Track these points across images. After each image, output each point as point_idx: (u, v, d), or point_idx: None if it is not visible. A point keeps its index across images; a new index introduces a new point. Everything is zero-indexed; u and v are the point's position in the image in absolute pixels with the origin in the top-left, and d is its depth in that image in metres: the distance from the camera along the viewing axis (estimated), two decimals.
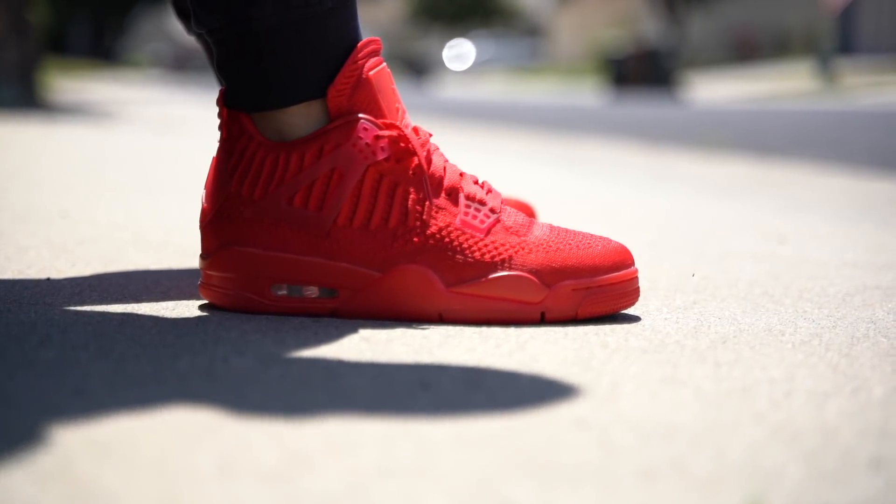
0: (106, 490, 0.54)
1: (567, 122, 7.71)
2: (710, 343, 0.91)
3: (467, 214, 0.97)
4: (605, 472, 0.59)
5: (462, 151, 3.77)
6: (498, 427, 0.66)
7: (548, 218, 1.78)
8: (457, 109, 10.19)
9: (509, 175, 2.83)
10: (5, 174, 2.29)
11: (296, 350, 0.84)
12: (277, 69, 0.96)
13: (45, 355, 0.80)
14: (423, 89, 22.17)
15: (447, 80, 35.47)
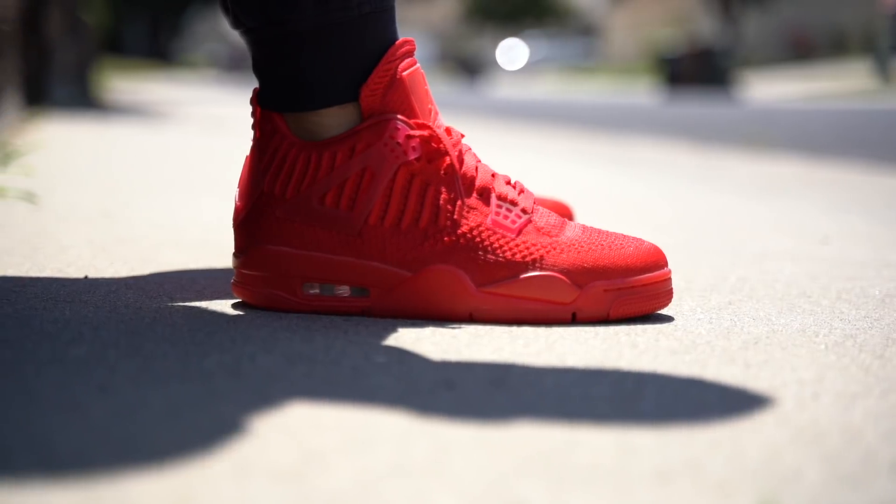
0: (118, 487, 0.54)
1: (618, 121, 7.68)
2: (742, 344, 0.90)
3: (498, 214, 0.97)
4: (619, 474, 0.59)
5: (508, 151, 3.76)
6: (516, 427, 0.66)
7: (586, 217, 1.78)
8: (509, 109, 10.19)
9: (553, 174, 2.83)
10: (53, 173, 2.31)
11: (324, 349, 0.84)
12: (312, 71, 0.96)
13: (75, 352, 0.80)
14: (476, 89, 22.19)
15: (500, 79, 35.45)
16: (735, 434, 0.66)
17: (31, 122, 4.07)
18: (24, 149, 2.82)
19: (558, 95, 17.63)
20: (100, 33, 19.66)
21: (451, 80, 34.08)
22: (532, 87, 26.09)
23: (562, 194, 2.21)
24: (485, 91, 20.67)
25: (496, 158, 3.34)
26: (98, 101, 7.77)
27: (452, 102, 11.63)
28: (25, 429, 0.62)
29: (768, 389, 0.76)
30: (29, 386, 0.71)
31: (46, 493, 0.52)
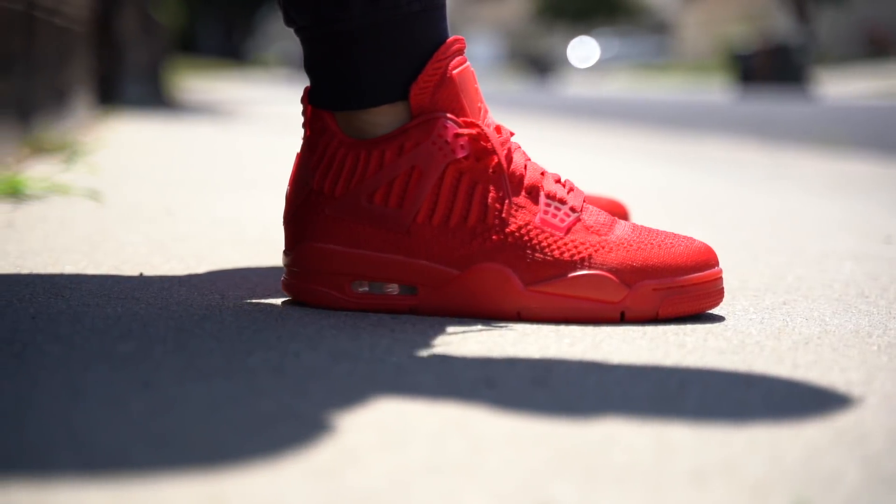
0: (150, 485, 0.54)
1: (688, 119, 7.62)
2: (792, 344, 0.89)
3: (547, 213, 0.97)
4: (654, 473, 0.59)
5: (573, 149, 3.75)
6: (554, 426, 0.66)
7: (647, 216, 1.77)
8: (578, 107, 10.15)
9: (617, 173, 2.81)
10: (119, 171, 2.34)
11: (369, 346, 0.84)
12: (362, 70, 0.97)
13: (123, 348, 0.81)
14: (546, 87, 22.15)
15: (571, 77, 35.34)
16: (775, 435, 0.65)
17: (102, 121, 4.12)
18: (91, 147, 2.86)
19: (629, 93, 17.54)
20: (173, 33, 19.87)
21: (521, 78, 34.03)
22: (603, 85, 26.00)
23: (623, 193, 2.20)
24: (555, 89, 20.63)
25: (561, 156, 3.33)
26: (170, 100, 7.85)
27: (522, 101, 11.61)
28: (67, 424, 0.63)
29: (814, 390, 0.76)
30: (75, 381, 0.72)
31: (78, 491, 0.53)
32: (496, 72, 45.20)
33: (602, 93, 18.67)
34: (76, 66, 3.74)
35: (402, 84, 0.96)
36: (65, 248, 1.28)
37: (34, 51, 2.84)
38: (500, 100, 11.33)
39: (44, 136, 2.69)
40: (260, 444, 0.61)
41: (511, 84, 25.97)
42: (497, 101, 10.47)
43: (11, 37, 2.58)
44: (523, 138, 4.37)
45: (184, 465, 0.57)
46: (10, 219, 1.50)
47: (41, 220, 1.52)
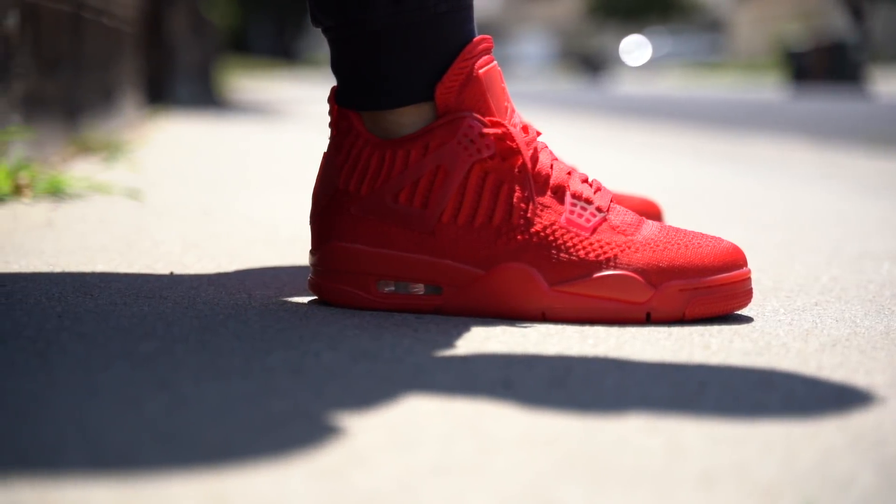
0: (154, 483, 0.55)
1: (740, 118, 7.57)
2: (819, 346, 0.88)
3: (573, 213, 0.97)
4: (664, 476, 0.58)
5: (620, 147, 3.73)
6: (566, 427, 0.66)
7: (686, 215, 1.76)
8: (629, 106, 10.10)
9: (661, 171, 2.79)
10: (161, 170, 2.36)
11: (390, 346, 0.84)
12: (388, 70, 0.97)
13: (145, 347, 0.82)
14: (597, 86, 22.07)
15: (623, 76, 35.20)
16: (791, 438, 0.65)
17: (150, 121, 4.15)
18: (136, 147, 2.88)
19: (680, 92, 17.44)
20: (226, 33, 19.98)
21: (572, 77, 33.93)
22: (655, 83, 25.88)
23: (665, 192, 2.19)
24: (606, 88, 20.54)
25: (605, 155, 3.32)
26: (220, 99, 7.90)
27: (573, 100, 11.58)
28: (79, 422, 0.63)
29: (836, 393, 0.75)
30: (94, 380, 0.73)
31: (82, 489, 0.53)
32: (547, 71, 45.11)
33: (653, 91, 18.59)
34: (124, 66, 3.77)
35: (427, 84, 0.96)
36: (100, 246, 1.29)
37: (81, 51, 2.87)
38: (551, 99, 11.31)
39: (90, 136, 2.71)
40: (268, 444, 0.61)
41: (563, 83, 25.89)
42: (548, 101, 10.45)
43: (59, 37, 2.61)
44: (570, 137, 4.36)
45: (190, 464, 0.57)
46: (49, 218, 1.51)
47: (80, 219, 1.53)
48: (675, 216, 1.77)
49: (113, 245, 1.30)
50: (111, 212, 1.62)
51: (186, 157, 2.81)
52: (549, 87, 19.53)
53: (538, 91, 16.20)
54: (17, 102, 2.13)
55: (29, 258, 1.18)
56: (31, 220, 1.49)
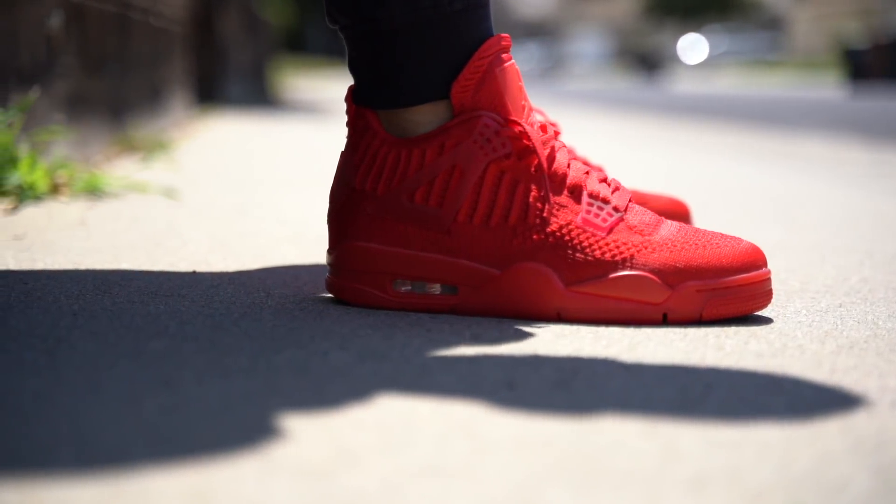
0: (138, 483, 0.55)
1: (795, 117, 7.50)
2: (836, 348, 0.87)
3: (589, 213, 0.96)
4: (655, 479, 0.58)
5: (666, 146, 3.71)
6: (563, 429, 0.65)
7: (719, 214, 1.74)
8: (684, 104, 10.04)
9: (705, 170, 2.77)
10: (202, 169, 2.37)
11: (400, 346, 0.84)
12: (404, 69, 0.96)
13: (155, 346, 0.82)
14: (653, 84, 21.96)
15: (679, 74, 34.99)
16: (790, 441, 0.64)
17: (199, 120, 4.18)
18: (181, 146, 2.90)
19: (736, 90, 17.30)
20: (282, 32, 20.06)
21: (628, 75, 33.78)
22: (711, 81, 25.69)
23: (705, 190, 2.17)
24: (662, 86, 20.43)
25: (651, 153, 3.30)
26: (273, 99, 7.94)
27: (627, 98, 11.53)
28: (75, 421, 0.64)
29: (844, 396, 0.73)
30: (97, 378, 0.73)
31: (65, 489, 0.53)
32: (603, 69, 44.94)
33: (709, 90, 18.46)
34: (173, 65, 3.79)
35: (443, 82, 0.96)
36: (128, 245, 1.29)
37: (128, 51, 2.89)
38: (605, 98, 11.27)
39: (135, 135, 2.73)
40: (260, 443, 0.61)
41: (618, 82, 25.77)
42: (602, 99, 10.41)
43: (104, 37, 2.63)
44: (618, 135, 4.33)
45: (178, 462, 0.57)
46: (82, 216, 1.53)
47: (113, 217, 1.54)
48: (711, 215, 1.75)
49: (141, 244, 1.31)
50: (145, 211, 1.63)
51: (228, 156, 2.82)
52: (604, 86, 19.45)
53: (592, 90, 16.15)
54: (60, 102, 2.15)
55: (55, 256, 1.19)
56: (64, 218, 1.50)
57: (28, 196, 1.62)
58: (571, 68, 47.72)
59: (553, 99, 10.65)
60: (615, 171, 2.59)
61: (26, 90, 1.83)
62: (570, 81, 25.11)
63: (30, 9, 1.94)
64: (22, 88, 1.81)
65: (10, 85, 1.75)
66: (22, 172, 1.62)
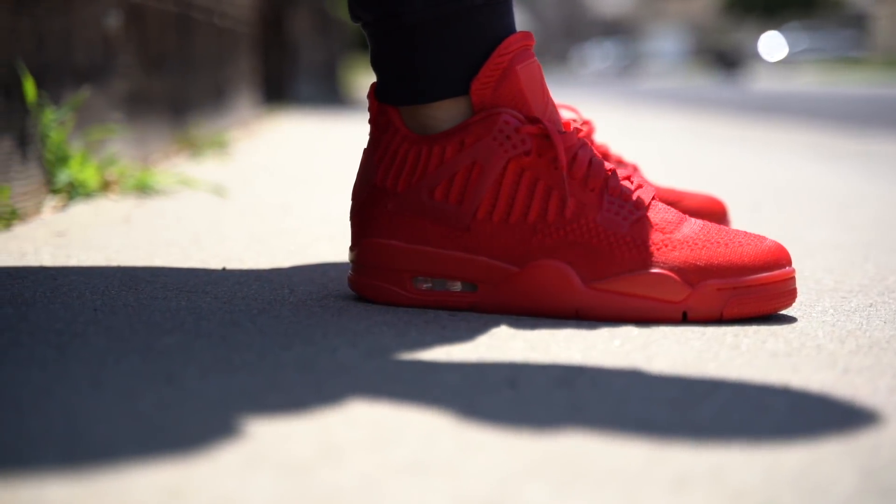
0: (117, 478, 0.55)
1: (874, 115, 7.38)
2: (855, 348, 0.86)
3: (610, 210, 0.95)
4: (638, 479, 0.57)
5: (733, 145, 3.67)
6: (554, 428, 0.65)
7: (772, 213, 1.72)
8: (761, 103, 9.93)
9: (765, 168, 2.74)
10: (257, 167, 2.39)
11: (411, 344, 0.84)
12: (425, 64, 0.96)
13: (167, 341, 0.83)
14: (732, 82, 21.72)
15: (759, 72, 34.62)
16: (782, 442, 0.63)
17: (265, 119, 4.21)
18: (242, 144, 2.93)
19: (816, 88, 17.09)
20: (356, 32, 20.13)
21: (707, 73, 33.48)
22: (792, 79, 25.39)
23: (763, 189, 2.15)
24: (741, 84, 20.23)
25: (716, 152, 3.27)
26: (344, 98, 7.98)
27: (703, 97, 11.43)
28: (70, 416, 0.64)
29: (851, 397, 0.72)
30: (102, 373, 0.74)
31: (41, 487, 0.54)
32: (682, 68, 44.60)
33: (788, 88, 18.24)
34: (239, 65, 3.83)
35: (464, 78, 0.96)
36: (167, 242, 1.31)
37: (190, 50, 2.92)
38: (682, 96, 11.18)
39: (196, 133, 2.76)
40: (249, 439, 0.61)
41: (696, 80, 25.54)
42: (678, 98, 10.34)
43: (165, 37, 2.66)
44: (687, 133, 4.29)
45: (162, 458, 0.58)
46: (128, 214, 1.54)
47: (158, 214, 1.56)
48: (763, 213, 1.74)
49: (180, 240, 1.32)
50: (192, 208, 1.64)
51: (286, 154, 2.84)
52: (681, 84, 19.31)
53: (669, 88, 16.03)
54: (118, 100, 2.18)
55: (90, 252, 1.21)
56: (110, 215, 1.52)
57: (79, 193, 1.65)
58: (649, 67, 47.42)
59: (627, 98, 10.59)
60: (677, 169, 2.57)
61: (82, 89, 1.86)
62: (646, 80, 24.97)
63: (85, 9, 1.97)
64: (77, 87, 1.83)
65: (64, 83, 1.77)
66: (73, 170, 1.64)
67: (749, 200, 1.97)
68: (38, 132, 1.61)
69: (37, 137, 1.60)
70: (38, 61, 1.66)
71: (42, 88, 1.64)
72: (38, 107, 1.59)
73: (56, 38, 1.76)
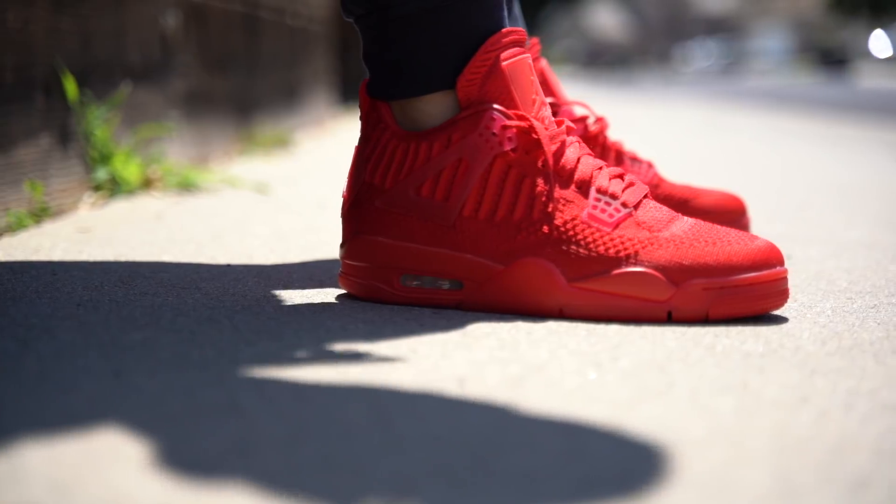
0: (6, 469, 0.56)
1: None
2: (834, 350, 0.83)
3: (596, 208, 0.94)
4: (544, 479, 0.56)
5: (814, 144, 3.60)
6: (476, 428, 0.64)
7: (824, 212, 1.69)
8: (869, 101, 9.74)
9: (836, 167, 2.68)
10: (310, 165, 2.40)
11: (379, 342, 0.83)
12: (412, 57, 0.96)
13: (133, 337, 0.83)
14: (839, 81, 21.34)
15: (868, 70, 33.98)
16: (706, 443, 0.61)
17: (341, 118, 4.23)
18: (306, 143, 2.94)
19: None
20: None
21: (813, 72, 32.96)
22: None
23: (827, 188, 2.10)
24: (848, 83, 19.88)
25: (794, 151, 3.21)
26: None
27: (806, 95, 11.24)
28: (5, 406, 0.65)
29: (801, 399, 0.70)
30: (51, 369, 0.74)
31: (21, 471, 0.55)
32: (787, 66, 43.96)
33: None
34: (313, 64, 3.85)
35: (451, 73, 0.95)
36: (187, 239, 1.32)
37: (258, 50, 2.94)
38: (785, 94, 11.01)
39: (261, 133, 2.78)
40: (150, 437, 0.61)
41: (802, 78, 25.15)
42: (781, 96, 10.18)
43: (230, 36, 2.68)
44: (776, 132, 4.22)
45: (56, 453, 0.58)
46: (162, 211, 1.56)
47: (192, 212, 1.57)
48: (812, 211, 1.70)
49: (200, 237, 1.33)
50: (229, 205, 1.66)
51: (347, 152, 2.85)
52: (786, 82, 19.02)
53: (773, 86, 15.80)
54: (176, 99, 2.21)
55: (105, 248, 1.22)
56: (144, 212, 1.54)
57: (121, 191, 1.67)
58: (752, 65, 46.81)
59: (726, 96, 10.45)
60: (739, 167, 2.52)
61: (136, 88, 1.88)
62: (749, 78, 24.64)
63: (140, 8, 2.00)
64: (129, 86, 1.85)
65: (114, 82, 1.79)
66: (115, 167, 1.67)
67: (799, 199, 1.93)
68: (82, 130, 1.63)
69: (80, 135, 1.63)
70: (84, 60, 1.68)
71: (88, 87, 1.66)
72: (80, 105, 1.62)
73: (105, 38, 1.79)
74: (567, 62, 41.84)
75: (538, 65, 1.24)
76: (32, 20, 1.50)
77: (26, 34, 1.48)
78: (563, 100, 1.24)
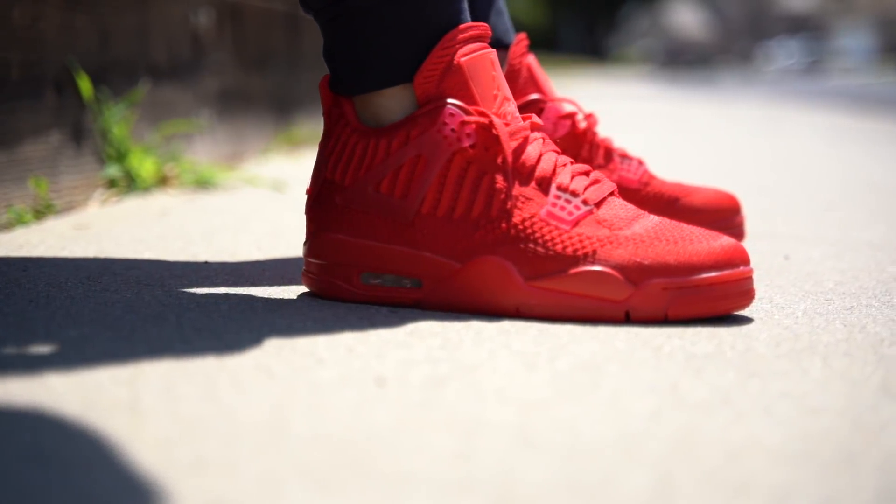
0: None
1: None
2: (786, 352, 0.81)
3: (555, 205, 0.92)
4: (448, 483, 0.54)
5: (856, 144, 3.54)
6: (380, 430, 0.62)
7: (850, 211, 1.65)
8: None
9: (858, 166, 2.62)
10: None
11: (318, 340, 0.82)
12: (370, 50, 0.95)
13: (69, 334, 0.82)
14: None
15: None
16: (601, 446, 0.59)
17: None
18: None
19: None
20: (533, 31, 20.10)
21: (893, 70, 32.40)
22: None
23: (855, 190, 2.06)
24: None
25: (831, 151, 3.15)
26: None
27: (880, 94, 11.06)
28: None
29: (724, 401, 0.68)
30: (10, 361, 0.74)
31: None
32: (872, 65, 43.31)
33: None
34: None
35: (410, 66, 0.93)
36: (179, 236, 1.31)
37: (298, 48, 2.94)
38: (865, 94, 10.85)
39: (298, 131, 2.78)
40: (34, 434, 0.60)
41: (885, 77, 24.76)
42: (859, 96, 10.03)
43: (268, 35, 2.69)
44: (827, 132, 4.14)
45: None
46: (169, 208, 1.56)
47: (199, 209, 1.57)
48: (839, 211, 1.66)
49: (195, 235, 1.33)
50: (239, 203, 1.65)
51: None
52: (866, 82, 18.74)
53: (852, 86, 15.57)
54: (208, 98, 2.21)
55: (91, 245, 1.22)
56: (150, 210, 1.54)
57: (136, 188, 1.67)
58: (836, 64, 46.18)
59: (805, 96, 10.31)
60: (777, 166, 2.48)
61: (164, 86, 1.89)
62: (833, 77, 24.28)
63: (167, 7, 2.00)
64: (155, 84, 1.86)
65: (136, 80, 1.80)
66: (130, 164, 1.67)
67: (826, 199, 1.89)
68: (98, 127, 1.64)
69: (95, 132, 1.64)
70: (102, 58, 1.69)
71: (107, 85, 1.67)
72: (96, 102, 1.62)
73: (126, 36, 1.79)
74: (646, 62, 41.54)
75: (525, 60, 1.22)
76: (42, 17, 1.51)
77: (35, 31, 1.49)
78: (551, 96, 1.22)
